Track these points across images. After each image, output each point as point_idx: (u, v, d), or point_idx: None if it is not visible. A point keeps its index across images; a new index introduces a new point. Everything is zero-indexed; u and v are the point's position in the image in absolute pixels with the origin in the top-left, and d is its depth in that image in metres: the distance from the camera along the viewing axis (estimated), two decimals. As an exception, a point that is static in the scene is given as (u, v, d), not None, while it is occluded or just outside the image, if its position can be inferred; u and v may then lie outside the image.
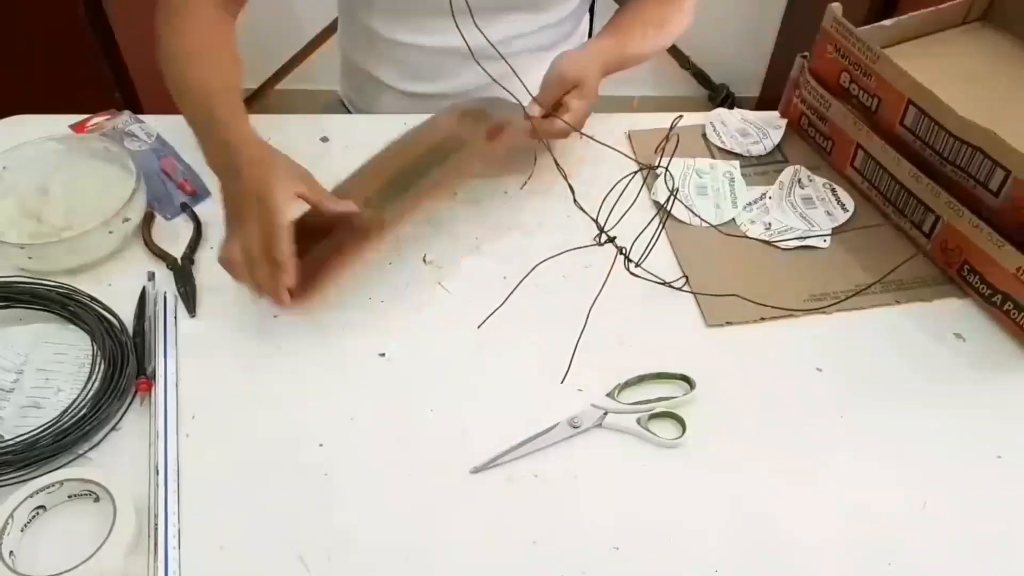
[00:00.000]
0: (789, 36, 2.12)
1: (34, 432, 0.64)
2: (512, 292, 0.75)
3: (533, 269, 0.75)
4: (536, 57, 0.99)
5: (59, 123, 0.90)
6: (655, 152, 0.85)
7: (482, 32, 0.78)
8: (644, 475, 0.65)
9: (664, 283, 0.77)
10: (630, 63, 0.93)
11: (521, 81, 0.82)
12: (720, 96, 2.22)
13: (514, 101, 0.81)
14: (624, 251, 0.74)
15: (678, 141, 0.83)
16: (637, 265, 0.75)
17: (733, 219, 0.85)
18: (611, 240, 0.74)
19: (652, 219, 0.77)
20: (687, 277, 0.78)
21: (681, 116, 0.82)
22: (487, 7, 0.93)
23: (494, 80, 0.81)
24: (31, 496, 0.60)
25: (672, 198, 0.81)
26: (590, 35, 1.14)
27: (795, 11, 2.08)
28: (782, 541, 0.62)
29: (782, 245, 0.83)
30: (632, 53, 0.92)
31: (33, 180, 0.82)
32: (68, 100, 0.95)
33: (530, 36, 0.99)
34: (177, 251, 0.79)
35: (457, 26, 0.78)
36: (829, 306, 0.77)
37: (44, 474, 0.62)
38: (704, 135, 0.95)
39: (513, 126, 0.83)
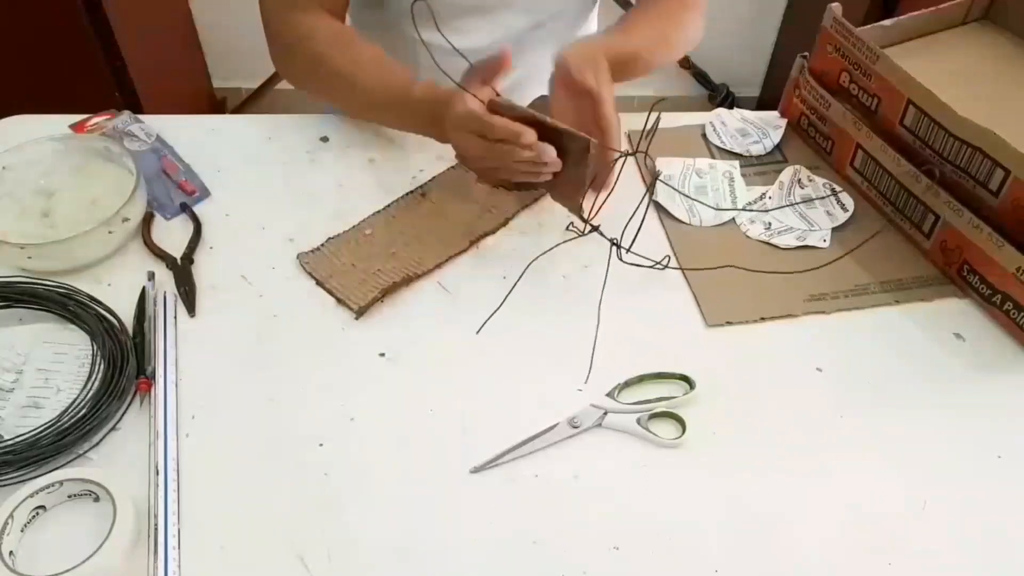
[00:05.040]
0: (789, 36, 2.12)
1: (34, 432, 0.64)
2: (509, 293, 0.75)
3: (528, 267, 0.75)
4: (545, 57, 0.99)
5: (59, 123, 0.90)
6: (642, 138, 0.85)
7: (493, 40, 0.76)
8: (644, 475, 0.65)
9: (653, 264, 0.77)
10: (640, 63, 0.87)
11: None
12: (720, 96, 2.22)
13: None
14: (615, 241, 0.74)
15: (658, 122, 0.81)
16: (627, 251, 0.75)
17: (733, 219, 0.85)
18: (595, 229, 0.74)
19: (639, 205, 0.76)
20: (675, 256, 0.78)
21: (663, 99, 0.80)
22: (480, 7, 0.93)
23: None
24: (31, 496, 0.60)
25: (656, 181, 0.80)
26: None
27: (795, 11, 2.08)
28: (782, 541, 0.62)
29: (782, 245, 0.83)
30: (645, 57, 0.86)
31: (33, 180, 0.82)
32: (68, 100, 0.95)
33: (535, 36, 0.99)
34: (177, 251, 0.79)
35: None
36: (829, 301, 0.77)
37: (44, 474, 0.62)
38: (704, 135, 0.95)
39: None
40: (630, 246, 0.75)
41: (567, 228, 0.76)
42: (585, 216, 0.76)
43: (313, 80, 0.88)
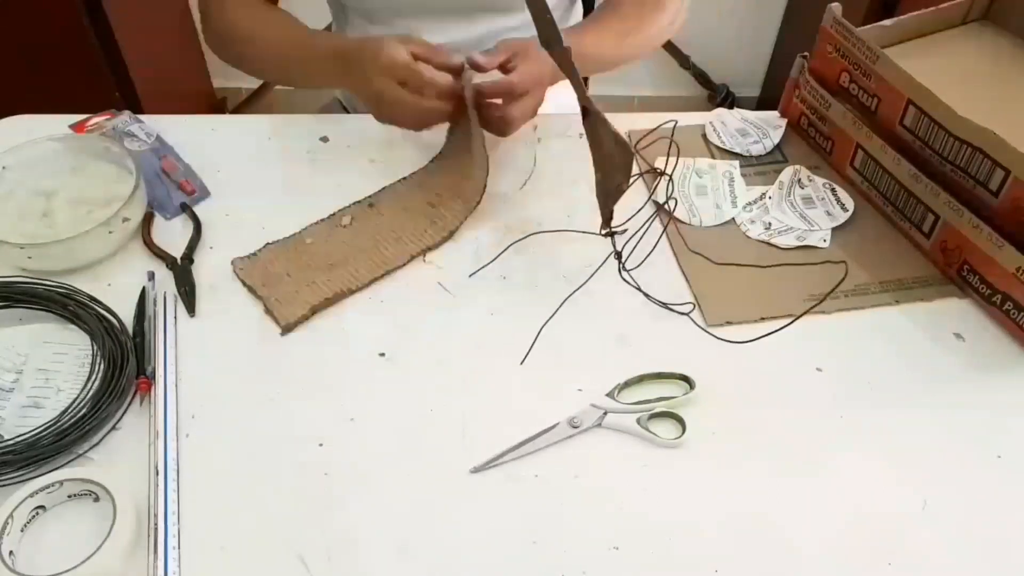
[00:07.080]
0: (789, 36, 2.12)
1: (34, 432, 0.64)
2: (503, 251, 0.75)
3: (525, 237, 0.74)
4: None
5: (59, 123, 0.90)
6: (659, 159, 0.84)
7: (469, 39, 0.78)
8: (644, 475, 0.65)
9: (663, 305, 0.77)
10: (590, 64, 0.90)
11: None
12: (720, 96, 2.22)
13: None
14: (621, 255, 0.74)
15: (678, 148, 0.82)
16: (628, 271, 0.75)
17: (733, 219, 0.85)
18: (613, 234, 0.74)
19: (648, 224, 0.76)
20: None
21: (676, 121, 0.81)
22: (460, 7, 0.93)
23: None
24: (31, 496, 0.60)
25: (670, 200, 0.81)
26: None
27: (795, 11, 2.08)
28: (782, 541, 0.62)
29: (782, 245, 0.83)
30: (592, 53, 0.87)
31: (33, 180, 0.82)
32: (68, 100, 0.95)
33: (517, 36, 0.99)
34: (177, 251, 0.80)
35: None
36: (829, 301, 0.77)
37: (44, 474, 0.62)
38: (704, 135, 0.95)
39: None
40: (633, 267, 0.75)
41: (600, 231, 0.76)
42: (607, 221, 0.75)
43: (226, 47, 0.92)
